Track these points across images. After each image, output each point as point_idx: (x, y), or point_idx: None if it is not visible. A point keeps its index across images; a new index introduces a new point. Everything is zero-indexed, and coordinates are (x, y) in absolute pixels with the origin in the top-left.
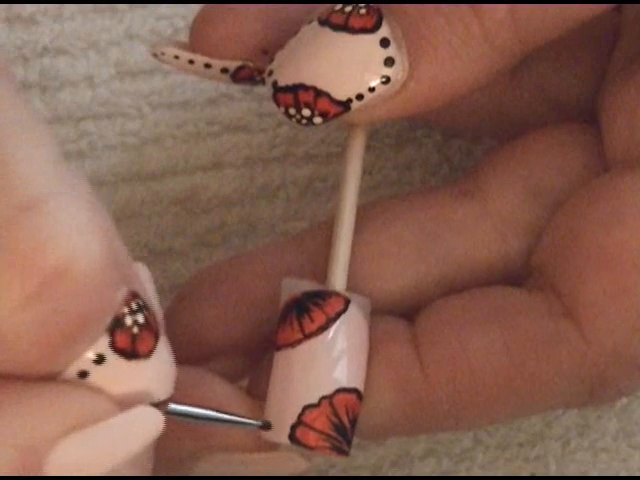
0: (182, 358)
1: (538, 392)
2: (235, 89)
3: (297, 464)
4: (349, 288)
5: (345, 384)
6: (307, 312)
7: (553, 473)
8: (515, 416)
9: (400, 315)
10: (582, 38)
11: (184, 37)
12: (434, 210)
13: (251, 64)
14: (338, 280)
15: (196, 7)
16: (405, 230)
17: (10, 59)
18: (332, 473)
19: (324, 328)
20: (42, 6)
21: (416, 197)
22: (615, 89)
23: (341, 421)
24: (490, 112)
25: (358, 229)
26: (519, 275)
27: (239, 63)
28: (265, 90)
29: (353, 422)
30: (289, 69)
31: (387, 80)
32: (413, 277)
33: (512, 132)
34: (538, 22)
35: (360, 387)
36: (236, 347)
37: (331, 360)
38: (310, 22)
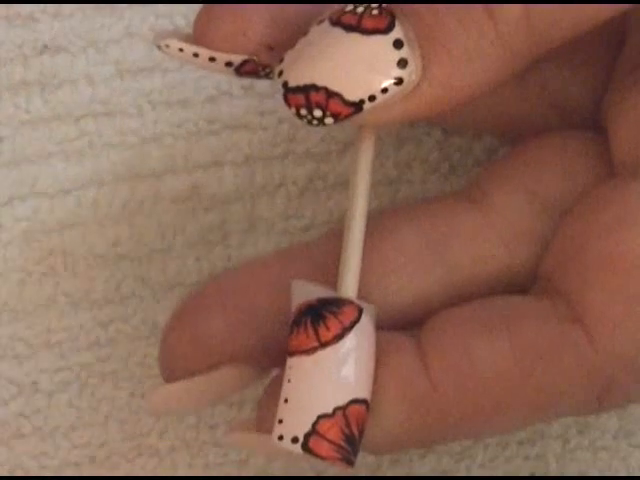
0: (189, 366)
1: (546, 398)
2: (235, 87)
3: None
4: None
5: (358, 395)
6: (323, 320)
7: (553, 472)
8: (524, 424)
9: (405, 325)
10: (588, 40)
11: None
12: (439, 220)
13: (256, 58)
14: (350, 288)
15: (196, 5)
16: (410, 240)
17: (9, 57)
18: (331, 473)
19: (339, 337)
20: (41, 4)
21: (421, 206)
22: (621, 94)
23: (352, 432)
24: (493, 111)
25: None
26: (525, 284)
27: (244, 57)
28: (266, 88)
29: (361, 432)
30: (300, 69)
31: (400, 81)
32: (419, 287)
33: (515, 132)
34: (552, 24)
35: (369, 397)
36: (243, 355)
37: (346, 370)
38: (321, 22)
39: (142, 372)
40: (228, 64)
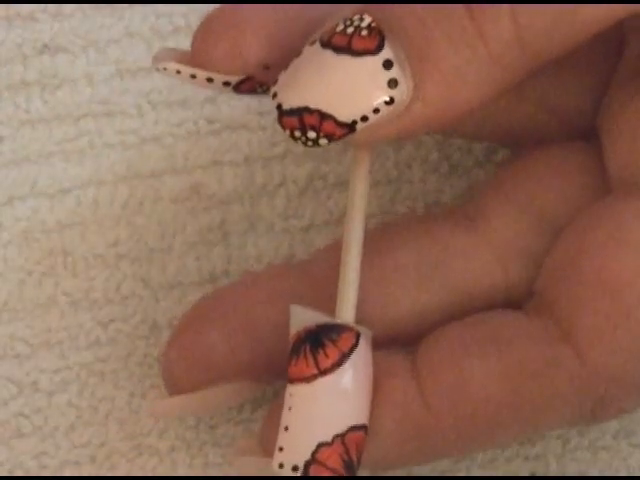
0: (190, 381)
1: (539, 416)
2: None
3: None
4: None
5: (356, 421)
6: (322, 347)
7: (553, 472)
8: (520, 438)
9: (403, 341)
10: (586, 47)
11: (184, 35)
12: (435, 237)
13: (253, 77)
14: (348, 312)
15: (196, 5)
16: (406, 257)
17: (9, 57)
18: None
19: (338, 364)
20: (41, 4)
21: (418, 223)
22: (619, 105)
23: (350, 458)
24: (491, 118)
25: None
26: (521, 301)
27: (241, 77)
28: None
29: (359, 457)
30: (293, 92)
31: (391, 101)
32: (414, 304)
33: (513, 138)
34: (544, 40)
35: (367, 422)
36: (243, 369)
37: (345, 398)
38: (312, 43)
39: (142, 372)
40: (226, 84)
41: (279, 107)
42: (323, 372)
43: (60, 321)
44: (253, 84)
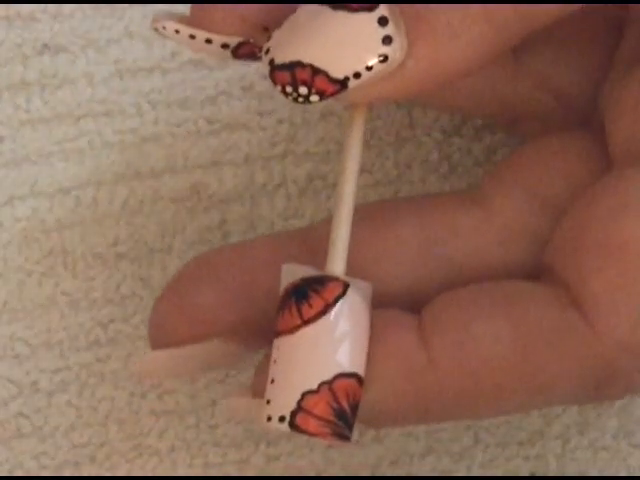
0: (176, 336)
1: (544, 381)
2: (235, 87)
3: None
4: None
5: (344, 369)
6: (306, 298)
7: (553, 472)
8: (521, 408)
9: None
10: (587, 27)
11: None
12: (438, 215)
13: (252, 40)
14: (337, 265)
15: None
16: (407, 232)
17: (9, 57)
18: (330, 472)
19: (322, 313)
20: (41, 4)
21: (420, 201)
22: (619, 87)
23: (341, 407)
24: (492, 99)
25: (359, 229)
26: None
27: (240, 39)
28: (265, 88)
29: (354, 407)
30: (286, 47)
31: (385, 59)
32: (414, 279)
33: (512, 116)
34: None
35: (361, 372)
36: (230, 330)
37: (330, 345)
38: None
39: None
40: (224, 46)
41: (271, 62)
42: (306, 322)
43: (60, 321)
44: (252, 48)
